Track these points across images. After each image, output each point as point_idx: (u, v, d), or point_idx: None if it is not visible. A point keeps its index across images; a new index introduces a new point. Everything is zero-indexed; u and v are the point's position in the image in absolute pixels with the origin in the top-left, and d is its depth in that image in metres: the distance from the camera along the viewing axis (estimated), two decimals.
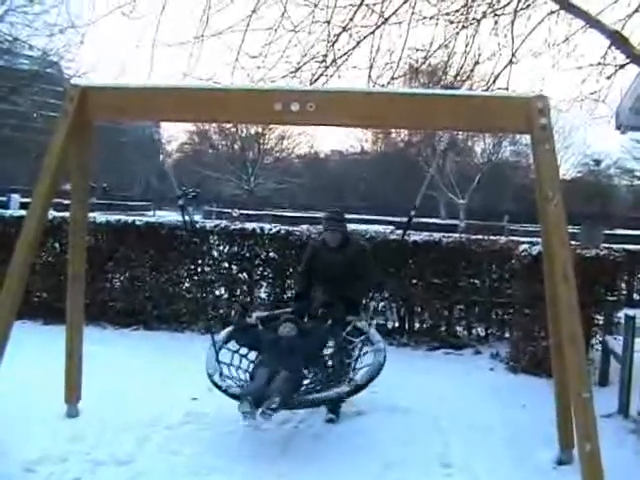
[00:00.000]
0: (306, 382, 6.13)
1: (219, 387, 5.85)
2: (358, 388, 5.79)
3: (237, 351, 6.48)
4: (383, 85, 10.12)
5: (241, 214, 35.99)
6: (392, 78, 10.48)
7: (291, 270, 9.69)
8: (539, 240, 6.09)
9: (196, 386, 6.47)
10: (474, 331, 9.88)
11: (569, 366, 4.70)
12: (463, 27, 10.02)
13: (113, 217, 10.59)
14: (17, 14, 22.67)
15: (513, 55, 10.31)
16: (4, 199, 31.22)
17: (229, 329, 6.71)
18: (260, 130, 52.38)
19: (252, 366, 6.24)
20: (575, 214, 30.52)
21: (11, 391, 5.81)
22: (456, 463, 5.52)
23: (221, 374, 5.99)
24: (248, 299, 9.96)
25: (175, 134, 64.95)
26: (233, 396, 5.66)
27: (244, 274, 10.07)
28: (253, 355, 6.43)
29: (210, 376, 5.96)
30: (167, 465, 5.25)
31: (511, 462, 5.54)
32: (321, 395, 5.83)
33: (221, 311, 9.87)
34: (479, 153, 53.98)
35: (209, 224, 10.44)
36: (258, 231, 9.91)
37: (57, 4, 10.25)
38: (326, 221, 6.89)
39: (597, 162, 55.56)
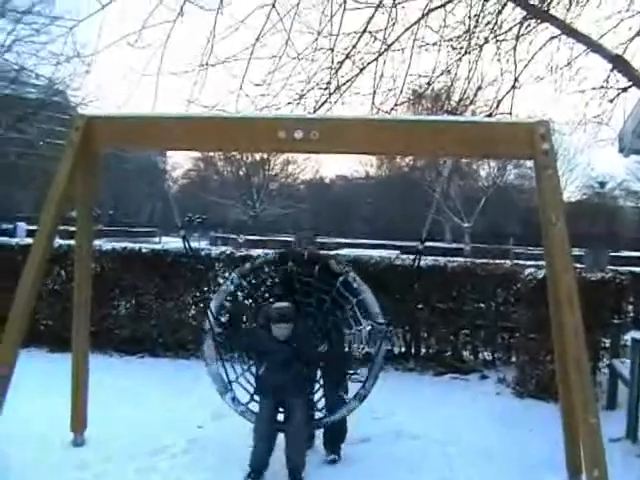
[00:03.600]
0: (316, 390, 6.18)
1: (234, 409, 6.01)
2: (365, 397, 5.90)
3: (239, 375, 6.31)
4: (386, 111, 10.20)
5: (247, 240, 36.04)
6: (395, 104, 10.58)
7: None
8: (544, 263, 6.08)
9: (201, 414, 6.46)
10: (480, 355, 9.83)
11: (575, 391, 4.68)
12: (465, 53, 10.13)
13: (119, 245, 10.62)
14: (24, 44, 22.97)
15: (516, 80, 10.41)
16: (11, 227, 31.38)
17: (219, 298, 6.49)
18: (265, 156, 52.59)
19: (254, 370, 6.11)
20: (581, 236, 30.53)
21: (17, 420, 5.78)
22: None
23: (234, 399, 6.03)
24: (253, 325, 9.94)
25: (180, 161, 65.46)
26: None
27: (249, 301, 10.05)
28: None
29: (221, 395, 6.05)
30: None
31: None
32: (333, 416, 5.93)
33: None
34: (484, 177, 54.17)
35: (214, 251, 10.46)
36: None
37: (63, 34, 10.38)
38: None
39: (602, 184, 55.53)
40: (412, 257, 6.36)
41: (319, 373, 6.24)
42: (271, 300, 6.13)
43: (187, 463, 5.80)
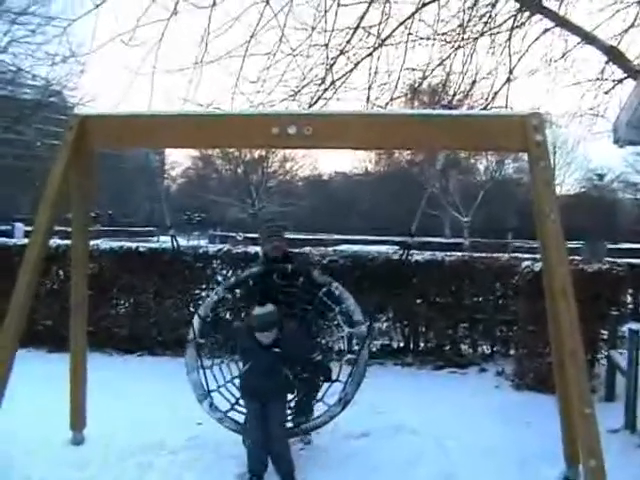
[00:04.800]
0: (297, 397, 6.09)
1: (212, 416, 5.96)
2: (348, 403, 5.81)
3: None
4: (382, 106, 10.22)
5: (245, 237, 36.00)
6: (391, 99, 10.59)
7: None
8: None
9: (200, 411, 6.45)
10: (479, 349, 9.85)
11: (570, 382, 4.69)
12: (459, 47, 10.14)
13: (116, 244, 10.64)
14: (20, 45, 22.98)
15: (511, 73, 10.42)
16: (9, 228, 31.39)
17: (204, 310, 6.42)
18: (263, 154, 52.59)
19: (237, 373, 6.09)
20: (580, 229, 30.53)
21: (16, 419, 5.80)
22: None
23: (211, 405, 5.99)
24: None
25: (179, 159, 65.49)
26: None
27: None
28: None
29: (199, 402, 6.02)
30: None
31: None
32: (316, 422, 5.87)
33: None
34: (482, 171, 54.18)
35: (212, 248, 10.46)
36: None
37: (59, 34, 10.44)
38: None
39: (600, 176, 55.59)
40: (401, 251, 6.34)
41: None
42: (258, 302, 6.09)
43: (187, 460, 5.81)
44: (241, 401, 5.96)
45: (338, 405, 5.80)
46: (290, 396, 6.00)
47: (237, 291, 7.03)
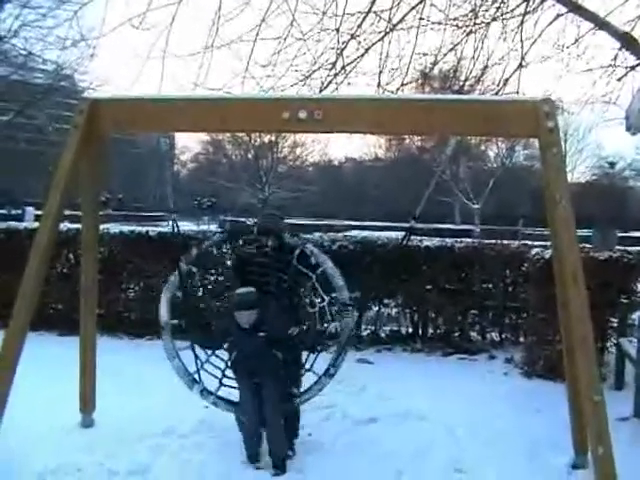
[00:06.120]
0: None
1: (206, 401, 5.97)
2: (335, 374, 5.73)
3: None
4: (393, 91, 10.16)
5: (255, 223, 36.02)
6: (402, 84, 10.51)
7: None
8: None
9: None
10: (488, 336, 9.85)
11: (580, 369, 4.68)
12: (471, 32, 10.04)
13: (126, 228, 10.67)
14: (31, 29, 22.95)
15: (522, 58, 10.32)
16: (19, 212, 31.50)
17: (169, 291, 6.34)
18: (273, 139, 52.44)
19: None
20: (590, 217, 30.41)
21: (26, 402, 5.83)
22: (470, 469, 5.51)
23: (202, 391, 5.97)
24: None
25: (189, 144, 65.41)
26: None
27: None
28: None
29: (190, 389, 5.99)
30: (180, 474, 5.29)
31: (526, 467, 5.53)
32: (306, 395, 5.80)
33: None
34: (492, 158, 53.97)
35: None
36: None
37: (70, 18, 10.42)
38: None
39: (612, 164, 55.19)
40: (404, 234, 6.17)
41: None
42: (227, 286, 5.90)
43: (196, 443, 5.87)
44: (227, 372, 5.88)
45: (326, 377, 5.73)
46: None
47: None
